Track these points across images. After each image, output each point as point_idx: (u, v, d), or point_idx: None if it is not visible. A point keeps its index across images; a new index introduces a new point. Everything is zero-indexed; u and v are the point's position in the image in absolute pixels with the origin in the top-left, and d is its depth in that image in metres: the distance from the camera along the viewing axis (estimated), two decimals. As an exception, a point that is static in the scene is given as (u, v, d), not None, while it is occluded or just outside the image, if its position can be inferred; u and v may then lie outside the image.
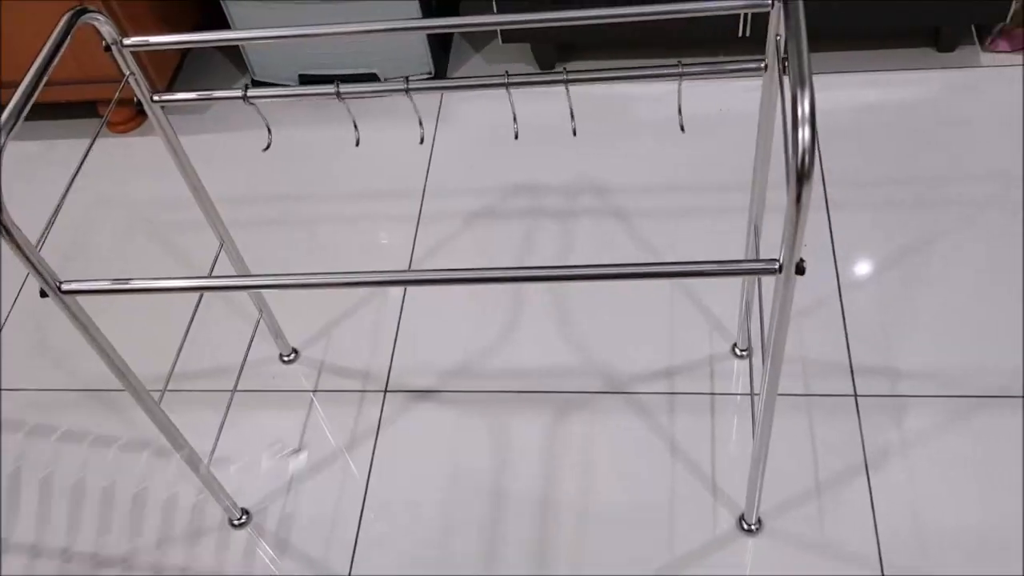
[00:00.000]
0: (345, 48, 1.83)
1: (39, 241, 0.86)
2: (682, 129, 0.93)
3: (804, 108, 0.69)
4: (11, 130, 0.78)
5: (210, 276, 0.86)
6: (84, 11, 0.91)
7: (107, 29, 0.94)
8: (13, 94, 0.80)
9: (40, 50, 0.86)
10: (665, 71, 0.94)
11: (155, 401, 1.04)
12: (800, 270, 0.77)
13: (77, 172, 0.94)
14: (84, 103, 1.84)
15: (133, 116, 1.93)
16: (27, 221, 1.65)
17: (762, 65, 0.94)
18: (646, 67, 0.95)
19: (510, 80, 0.97)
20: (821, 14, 1.68)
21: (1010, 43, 1.76)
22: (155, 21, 1.86)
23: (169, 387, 1.12)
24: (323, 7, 1.76)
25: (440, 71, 1.91)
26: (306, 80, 1.92)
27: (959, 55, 1.78)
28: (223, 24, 1.85)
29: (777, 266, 0.77)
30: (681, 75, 0.93)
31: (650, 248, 1.46)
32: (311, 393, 1.44)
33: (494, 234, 1.54)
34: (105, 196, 1.42)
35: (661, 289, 1.45)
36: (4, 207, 0.77)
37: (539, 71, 1.89)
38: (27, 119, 0.83)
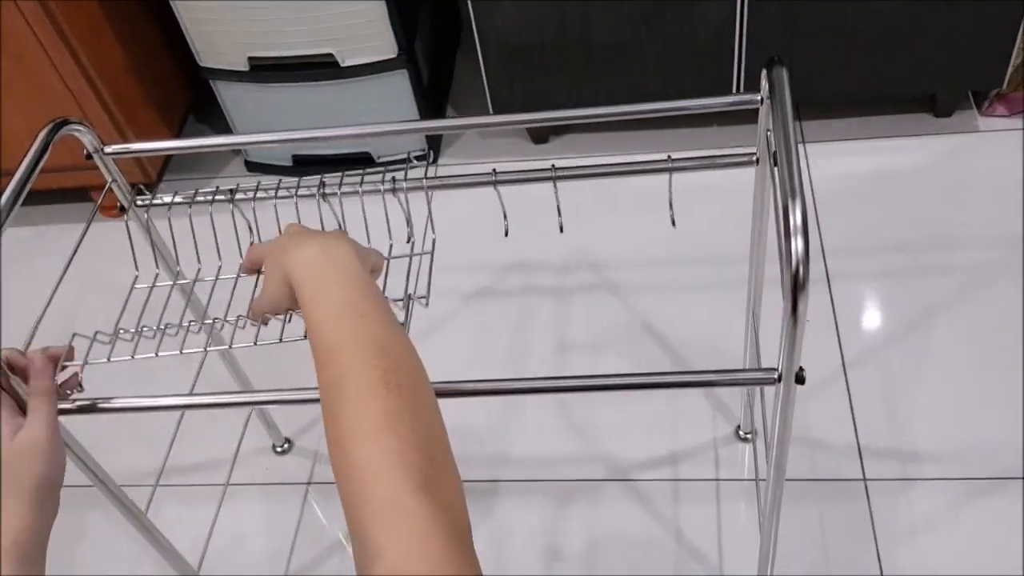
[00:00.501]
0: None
1: (25, 346, 0.83)
2: (673, 223, 0.91)
3: (796, 219, 0.67)
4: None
5: (192, 394, 0.84)
6: (65, 123, 0.90)
7: (88, 139, 0.93)
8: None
9: (20, 163, 0.85)
10: (655, 166, 0.92)
11: (143, 513, 1.01)
12: (800, 379, 0.74)
13: (67, 268, 0.92)
14: (75, 189, 1.84)
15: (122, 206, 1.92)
16: (18, 311, 1.65)
17: (753, 158, 0.93)
18: (635, 163, 0.93)
19: (498, 178, 0.95)
20: (816, 81, 1.68)
21: (1008, 107, 1.75)
22: (149, 106, 1.87)
23: (158, 482, 1.09)
24: (314, 89, 1.76)
25: (434, 147, 1.91)
26: (300, 161, 1.93)
27: (956, 120, 1.77)
28: (213, 102, 1.86)
29: (776, 376, 0.74)
30: (671, 170, 0.91)
31: (646, 325, 1.43)
32: (306, 485, 1.41)
33: (489, 313, 1.52)
34: (95, 282, 1.40)
35: (662, 366, 1.41)
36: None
37: (533, 143, 1.90)
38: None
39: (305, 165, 1.93)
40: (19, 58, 1.63)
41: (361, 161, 1.90)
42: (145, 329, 0.88)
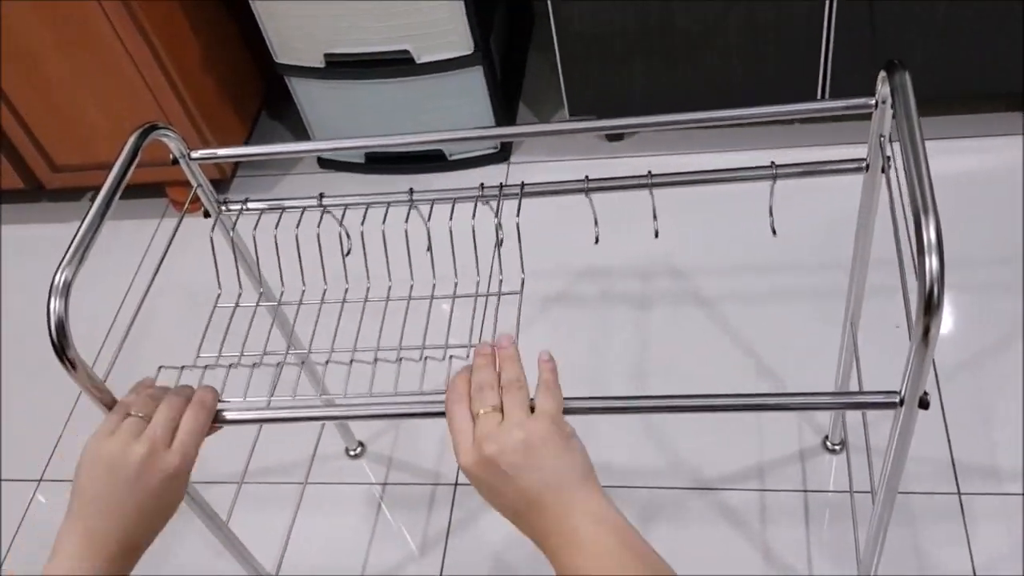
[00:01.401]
0: (413, 127, 1.82)
1: (108, 368, 0.82)
2: (774, 232, 0.87)
3: (931, 235, 0.63)
4: (79, 264, 0.75)
5: (280, 408, 0.82)
6: (154, 128, 0.89)
7: (175, 144, 0.92)
8: (75, 180, 0.79)
9: (111, 169, 0.84)
10: (758, 172, 0.88)
11: (224, 523, 1.00)
12: (924, 404, 0.70)
13: (154, 277, 0.91)
14: (151, 184, 1.84)
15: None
16: (92, 313, 1.66)
17: (863, 165, 0.88)
18: (737, 170, 0.89)
19: (590, 186, 0.91)
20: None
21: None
22: (224, 102, 1.87)
23: (240, 489, 1.08)
24: (389, 86, 1.75)
25: (505, 146, 1.88)
26: (372, 159, 1.91)
27: None
28: (287, 97, 1.86)
29: (899, 399, 0.70)
30: (775, 176, 0.87)
31: (732, 336, 1.38)
32: (381, 486, 1.39)
33: (567, 320, 1.49)
34: (170, 282, 1.41)
35: (747, 381, 1.37)
36: (72, 343, 0.74)
37: (607, 141, 1.85)
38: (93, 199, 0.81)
39: (377, 162, 1.92)
40: (100, 54, 1.66)
41: (433, 159, 1.88)
42: (232, 363, 0.87)
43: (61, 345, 0.73)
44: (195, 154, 0.94)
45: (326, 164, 1.97)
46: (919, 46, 1.57)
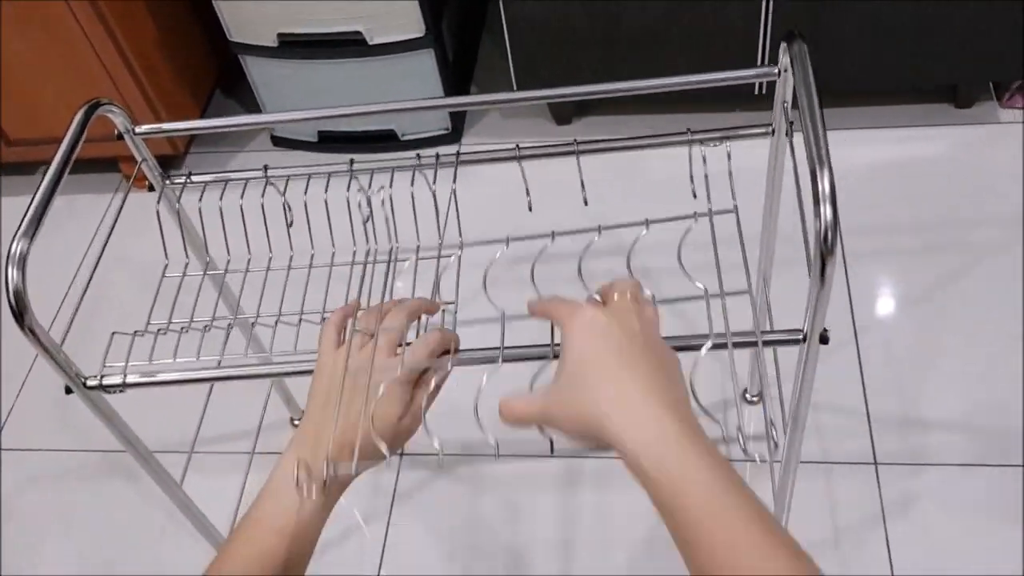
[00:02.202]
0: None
1: (64, 335, 0.86)
2: (694, 195, 0.94)
3: (825, 186, 0.70)
4: (32, 236, 0.78)
5: (230, 367, 0.86)
6: (99, 104, 0.91)
7: (120, 120, 0.95)
8: (29, 153, 0.81)
9: (58, 146, 0.87)
10: (675, 138, 0.96)
11: (178, 485, 1.04)
12: (824, 339, 0.78)
13: (103, 249, 0.94)
14: (106, 159, 1.85)
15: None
16: (48, 283, 1.66)
17: (770, 130, 0.96)
18: (656, 135, 0.96)
19: (521, 153, 0.98)
20: (837, 69, 1.70)
21: (1027, 100, 1.76)
22: (178, 80, 1.90)
23: (192, 453, 1.12)
24: (342, 66, 1.78)
25: (457, 127, 1.93)
26: (325, 138, 1.94)
27: (977, 111, 1.78)
28: (241, 76, 1.88)
29: (801, 335, 0.78)
30: (691, 142, 0.95)
31: (655, 290, 1.45)
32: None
33: (504, 284, 1.54)
34: (123, 254, 1.42)
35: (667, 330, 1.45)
36: (30, 310, 0.77)
37: (556, 125, 1.92)
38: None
39: (330, 142, 1.95)
40: (55, 31, 1.67)
41: (386, 138, 1.92)
42: (183, 327, 0.91)
43: (20, 313, 0.76)
44: (139, 129, 0.97)
45: (279, 142, 2.00)
46: (854, 37, 1.65)
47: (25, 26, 1.67)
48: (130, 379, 0.85)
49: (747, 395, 1.39)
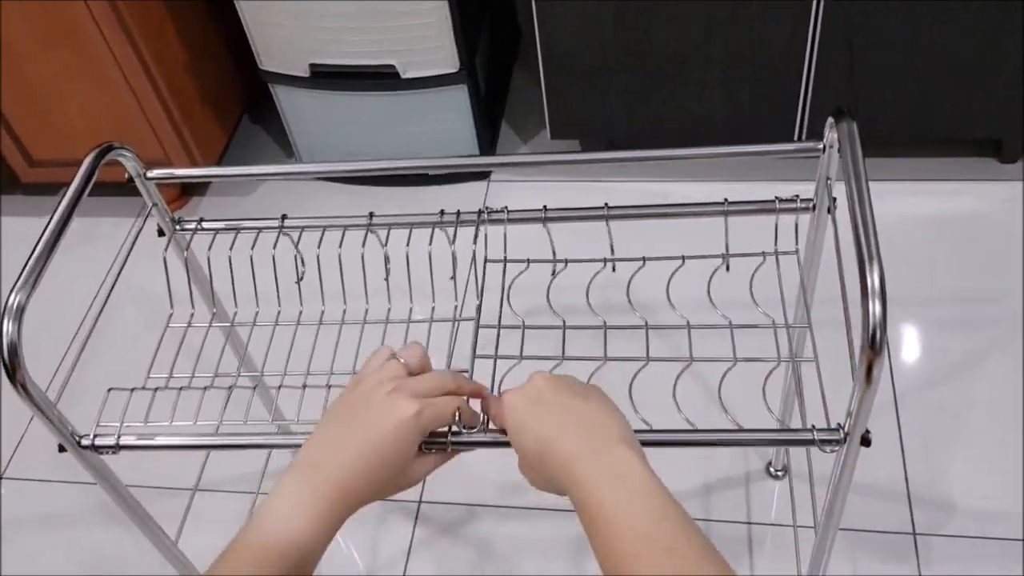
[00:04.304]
0: (394, 141, 1.82)
1: (60, 392, 0.82)
2: (727, 268, 0.90)
3: (874, 281, 0.65)
4: (32, 287, 0.75)
5: (224, 433, 0.82)
6: (110, 148, 0.88)
7: (131, 164, 0.91)
8: (52, 175, 0.78)
9: (66, 190, 0.83)
10: (711, 208, 0.91)
11: (173, 543, 0.99)
12: (866, 442, 0.72)
13: (107, 299, 0.90)
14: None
15: (178, 196, 1.93)
16: (59, 307, 1.63)
17: (810, 206, 0.91)
18: (690, 205, 0.92)
19: (547, 215, 0.93)
20: (879, 118, 1.65)
21: (1072, 158, 1.70)
22: (206, 104, 1.87)
23: (188, 509, 1.07)
24: (373, 99, 1.75)
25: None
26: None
27: (1020, 167, 1.72)
28: (270, 102, 1.85)
29: (842, 435, 0.73)
30: (726, 213, 0.90)
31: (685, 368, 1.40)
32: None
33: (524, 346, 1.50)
34: (136, 290, 1.39)
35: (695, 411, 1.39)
36: (23, 367, 0.73)
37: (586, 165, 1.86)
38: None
39: (360, 178, 1.91)
40: (84, 53, 1.65)
41: (413, 177, 1.89)
42: (182, 386, 0.86)
43: (13, 370, 0.72)
44: (151, 173, 0.93)
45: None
46: (898, 86, 1.61)
47: (53, 46, 1.66)
48: (124, 441, 0.80)
49: (771, 468, 1.33)
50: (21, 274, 0.75)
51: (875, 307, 0.65)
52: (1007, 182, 1.71)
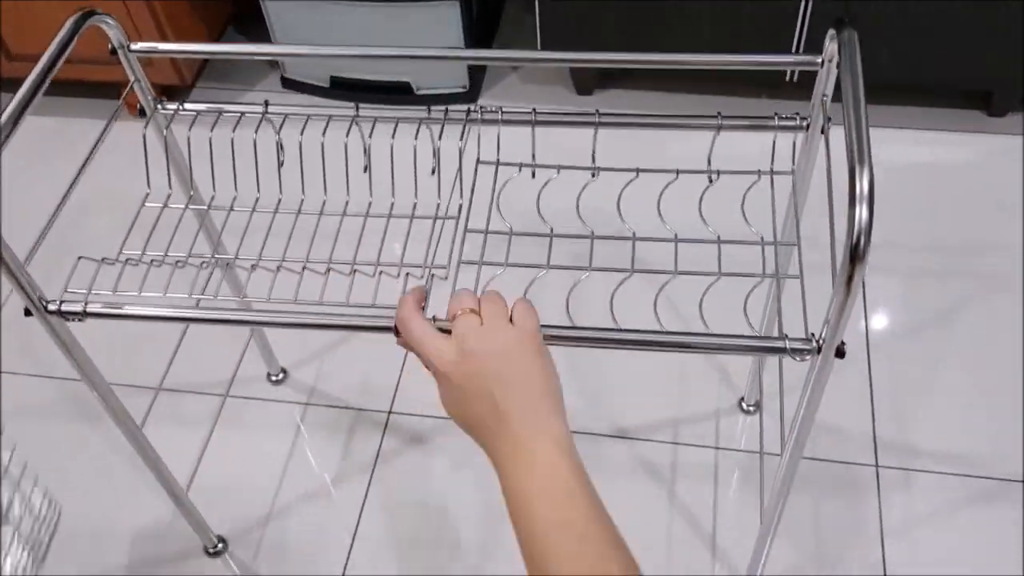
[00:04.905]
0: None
1: (28, 254, 0.80)
2: (710, 180, 0.88)
3: (863, 186, 0.64)
4: (5, 140, 0.72)
5: (200, 307, 0.80)
6: (92, 13, 0.85)
7: (114, 33, 0.89)
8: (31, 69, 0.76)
9: (44, 51, 0.81)
10: (703, 121, 0.89)
11: (137, 427, 0.98)
12: (840, 353, 0.72)
13: (79, 172, 0.88)
14: (109, 84, 1.78)
15: (158, 96, 1.86)
16: (32, 205, 1.60)
17: (804, 124, 0.89)
18: (683, 116, 0.90)
19: (537, 118, 0.91)
20: (870, 64, 1.61)
21: (1061, 114, 1.71)
22: (191, 8, 1.82)
23: (155, 398, 1.06)
24: (362, 10, 1.71)
25: (474, 87, 1.86)
26: (337, 84, 1.88)
27: (1009, 121, 1.72)
28: (257, 15, 1.81)
29: (815, 346, 0.72)
30: (719, 127, 0.88)
31: (666, 285, 1.40)
32: (299, 418, 1.38)
33: (501, 254, 1.48)
34: (110, 188, 1.36)
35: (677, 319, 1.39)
36: (-10, 222, 0.71)
37: (576, 94, 1.84)
38: (47, 94, 0.79)
39: (342, 88, 1.88)
40: None
41: (400, 90, 1.85)
42: (154, 259, 0.85)
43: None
44: (135, 46, 0.91)
45: (289, 84, 1.93)
46: (890, 33, 1.58)
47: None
48: (91, 308, 0.79)
49: (743, 404, 1.33)
50: (-5, 126, 0.72)
51: (862, 212, 0.64)
52: (995, 135, 1.71)
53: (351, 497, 1.28)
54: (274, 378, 1.42)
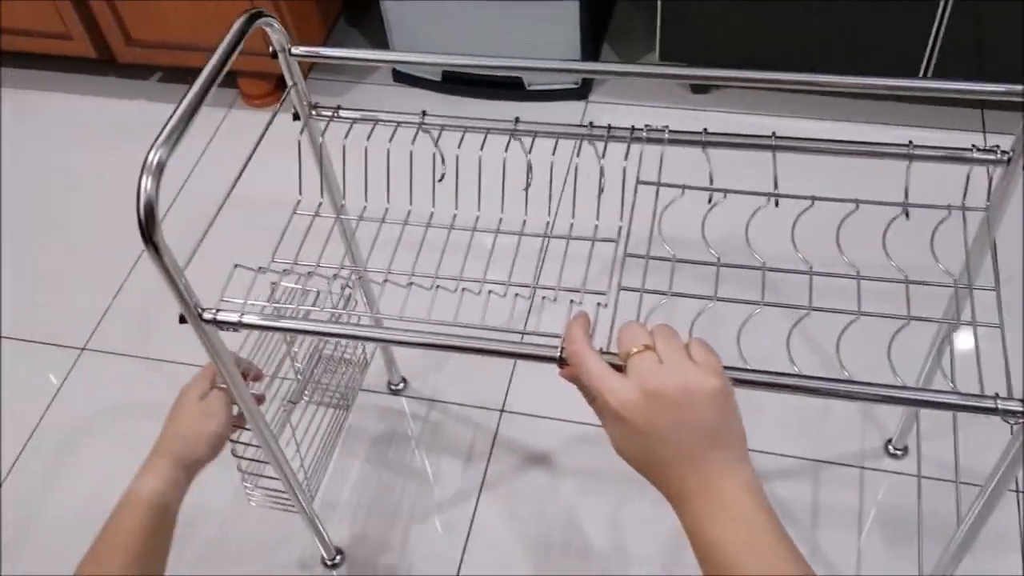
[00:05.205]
0: (496, 52, 1.76)
1: (187, 260, 0.78)
2: (907, 216, 0.81)
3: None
4: (174, 145, 0.71)
5: (348, 324, 0.78)
6: (259, 15, 0.84)
7: (277, 37, 0.87)
8: (147, 56, 0.74)
9: (213, 54, 0.79)
10: (892, 150, 0.82)
11: (274, 436, 0.97)
12: (1053, 419, 0.64)
13: (241, 172, 0.87)
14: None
15: (271, 91, 1.89)
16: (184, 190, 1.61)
17: (1006, 158, 0.82)
18: (871, 144, 0.83)
19: (707, 139, 0.86)
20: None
21: None
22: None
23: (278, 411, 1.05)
24: (477, 3, 1.70)
25: (586, 83, 1.83)
26: (449, 78, 1.86)
27: None
28: (369, 6, 1.81)
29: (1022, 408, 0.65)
30: (911, 158, 0.82)
31: (817, 327, 1.32)
32: (416, 428, 1.36)
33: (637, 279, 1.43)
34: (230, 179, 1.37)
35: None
36: (159, 226, 0.69)
37: (692, 93, 1.78)
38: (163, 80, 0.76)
39: (453, 82, 1.86)
40: None
41: (511, 86, 1.83)
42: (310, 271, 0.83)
43: (148, 228, 0.69)
44: (296, 50, 0.89)
45: (400, 78, 1.93)
46: None
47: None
48: (247, 319, 0.77)
49: (891, 447, 1.24)
50: (163, 131, 0.71)
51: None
52: None
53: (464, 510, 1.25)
54: (394, 387, 1.40)
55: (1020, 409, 0.65)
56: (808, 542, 1.17)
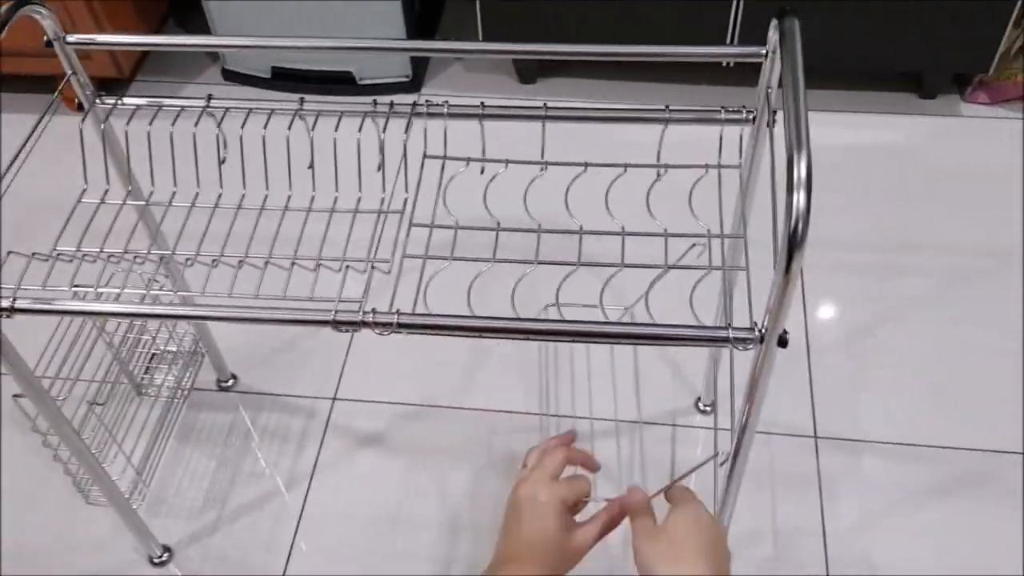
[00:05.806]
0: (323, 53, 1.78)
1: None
2: (658, 175, 0.88)
3: (801, 172, 0.64)
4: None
5: (144, 303, 0.78)
6: (24, 3, 0.83)
7: (49, 23, 0.86)
8: None
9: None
10: (650, 115, 0.89)
11: (77, 434, 0.96)
12: (783, 343, 0.71)
13: (11, 164, 0.85)
14: (48, 77, 1.75)
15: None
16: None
17: (750, 117, 0.89)
18: (631, 109, 0.90)
19: (485, 112, 0.91)
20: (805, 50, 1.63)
21: (989, 95, 1.74)
22: (125, 2, 1.80)
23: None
24: (301, 3, 1.71)
25: (418, 76, 1.86)
26: (279, 75, 1.86)
27: (939, 103, 1.77)
28: (196, 7, 1.79)
29: (758, 335, 0.71)
30: (667, 121, 0.88)
31: (612, 283, 1.39)
32: (248, 422, 1.36)
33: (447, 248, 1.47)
34: (46, 181, 1.32)
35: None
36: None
37: (520, 83, 1.85)
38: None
39: (284, 79, 1.87)
40: None
41: (342, 80, 1.85)
42: (87, 255, 0.82)
43: None
44: (71, 38, 0.89)
45: (230, 76, 1.92)
46: (822, 15, 1.59)
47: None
48: (20, 304, 0.76)
49: (700, 404, 1.32)
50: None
51: (799, 198, 0.63)
52: (925, 116, 1.75)
53: (294, 501, 1.26)
54: (223, 384, 1.40)
55: (747, 337, 0.71)
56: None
